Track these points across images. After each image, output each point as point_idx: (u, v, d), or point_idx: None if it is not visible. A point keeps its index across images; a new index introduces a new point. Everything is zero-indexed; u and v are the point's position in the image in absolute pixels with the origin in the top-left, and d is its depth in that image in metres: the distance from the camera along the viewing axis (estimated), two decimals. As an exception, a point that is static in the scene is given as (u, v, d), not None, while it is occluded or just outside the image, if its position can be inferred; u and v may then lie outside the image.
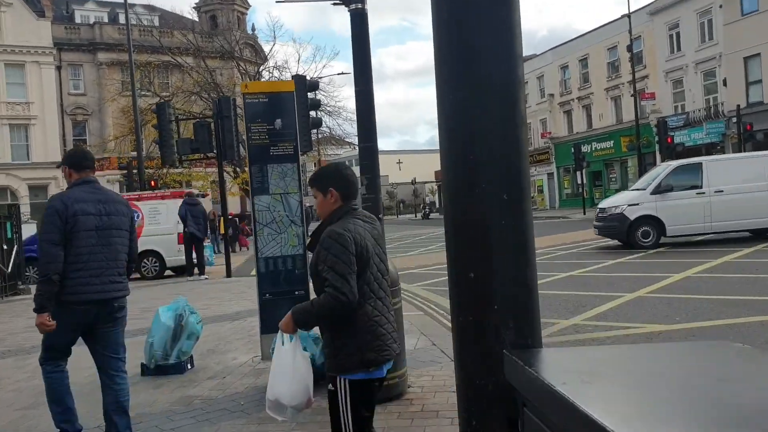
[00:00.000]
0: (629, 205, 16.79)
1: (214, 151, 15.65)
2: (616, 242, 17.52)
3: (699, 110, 38.60)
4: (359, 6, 7.70)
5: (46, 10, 44.37)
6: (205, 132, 15.79)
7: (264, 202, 7.27)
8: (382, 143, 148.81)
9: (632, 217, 16.56)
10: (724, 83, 37.03)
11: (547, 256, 16.53)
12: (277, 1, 8.04)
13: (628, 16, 37.27)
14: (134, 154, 30.42)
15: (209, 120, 16.56)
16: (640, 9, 41.94)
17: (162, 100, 25.44)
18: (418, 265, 16.93)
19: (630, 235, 16.56)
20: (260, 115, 7.31)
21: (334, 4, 7.93)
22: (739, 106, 32.43)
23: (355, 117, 7.95)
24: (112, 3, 47.84)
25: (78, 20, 47.26)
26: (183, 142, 16.14)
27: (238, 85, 35.14)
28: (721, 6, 36.92)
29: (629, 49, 37.38)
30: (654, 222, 16.52)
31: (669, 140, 31.45)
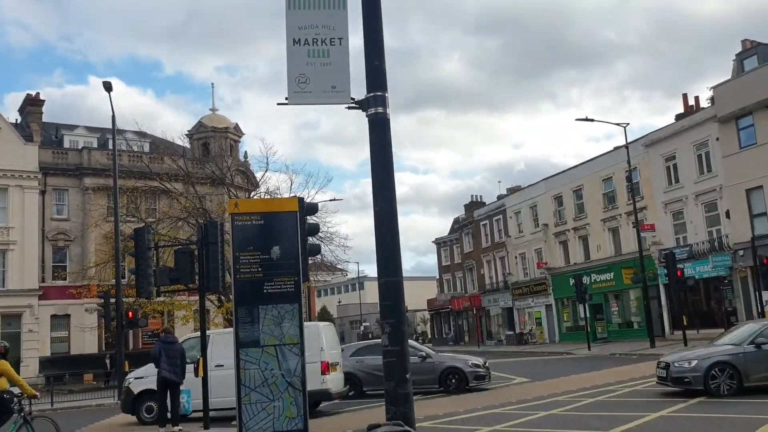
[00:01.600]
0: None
1: (197, 281, 13.87)
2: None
3: (702, 242, 37.49)
4: (380, 111, 6.24)
5: (34, 135, 43.76)
6: (187, 260, 14.06)
7: (252, 357, 5.45)
8: (366, 269, 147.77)
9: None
10: (727, 215, 36.15)
11: (607, 396, 14.42)
12: (278, 104, 6.65)
13: (626, 147, 36.92)
14: (115, 281, 28.53)
15: (193, 247, 14.86)
16: (634, 141, 41.82)
17: (145, 225, 24.03)
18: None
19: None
20: (252, 241, 5.66)
21: (349, 107, 6.49)
22: (753, 238, 31.32)
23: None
24: (102, 129, 47.46)
25: (67, 145, 46.61)
26: (162, 272, 14.37)
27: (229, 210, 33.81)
28: (717, 139, 36.68)
29: (629, 179, 36.73)
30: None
31: (679, 273, 29.99)
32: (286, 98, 6.68)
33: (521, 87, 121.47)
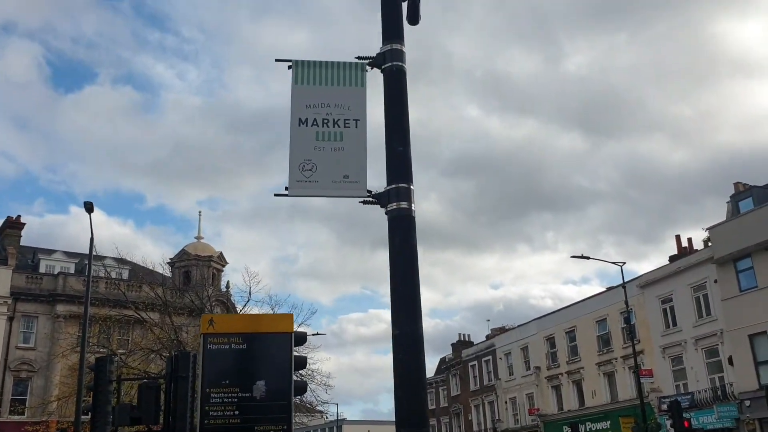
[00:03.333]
0: None
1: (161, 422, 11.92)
2: None
3: (705, 390, 35.52)
4: (403, 206, 4.93)
5: (9, 258, 42.16)
6: (152, 397, 12.15)
7: None
8: (345, 411, 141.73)
9: None
10: (730, 362, 34.47)
11: None
12: (276, 195, 5.37)
13: (623, 286, 35.77)
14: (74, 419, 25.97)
15: (160, 381, 13.00)
16: (630, 281, 40.75)
17: (107, 355, 22.07)
18: None
19: None
20: (229, 373, 4.27)
21: (365, 202, 5.19)
22: (766, 387, 29.51)
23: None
24: (81, 254, 45.89)
25: (43, 269, 44.89)
26: (122, 409, 12.41)
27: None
28: (716, 281, 35.68)
29: (627, 320, 35.29)
30: None
31: (686, 424, 27.88)
32: (287, 188, 5.41)
33: (498, 228, 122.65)
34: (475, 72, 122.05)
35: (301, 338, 10.49)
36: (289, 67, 5.77)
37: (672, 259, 41.98)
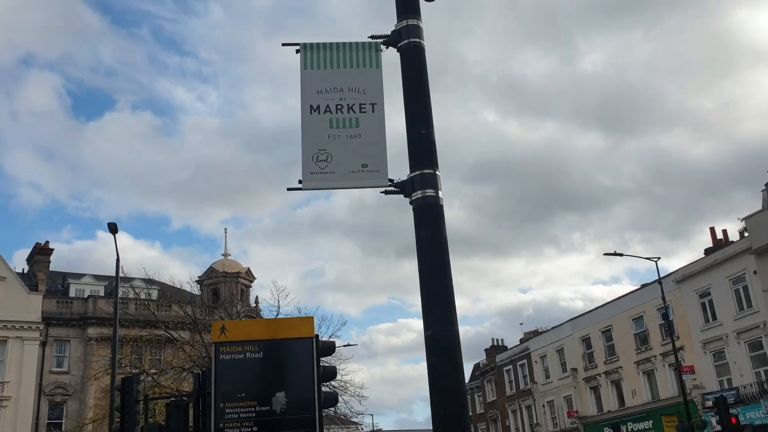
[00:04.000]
0: None
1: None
2: None
3: (751, 385, 34.41)
4: (430, 194, 4.47)
5: (39, 284, 42.35)
6: (180, 416, 11.80)
7: None
8: (380, 422, 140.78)
9: None
10: (775, 354, 33.37)
11: None
12: (289, 189, 4.95)
13: (659, 282, 34.80)
14: (109, 441, 25.78)
15: (187, 399, 12.64)
16: (665, 276, 39.72)
17: (145, 376, 21.95)
18: None
19: None
20: (245, 385, 3.79)
21: (387, 192, 4.74)
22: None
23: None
24: (109, 277, 45.92)
25: (73, 294, 45.05)
26: (150, 429, 12.13)
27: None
28: (755, 272, 34.62)
29: (665, 316, 34.33)
30: None
31: (734, 420, 26.91)
32: (300, 181, 4.98)
33: (523, 232, 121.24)
34: (491, 76, 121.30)
35: (329, 348, 10.04)
36: (297, 51, 5.36)
37: (707, 252, 40.92)
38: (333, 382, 34.46)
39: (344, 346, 41.34)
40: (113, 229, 25.95)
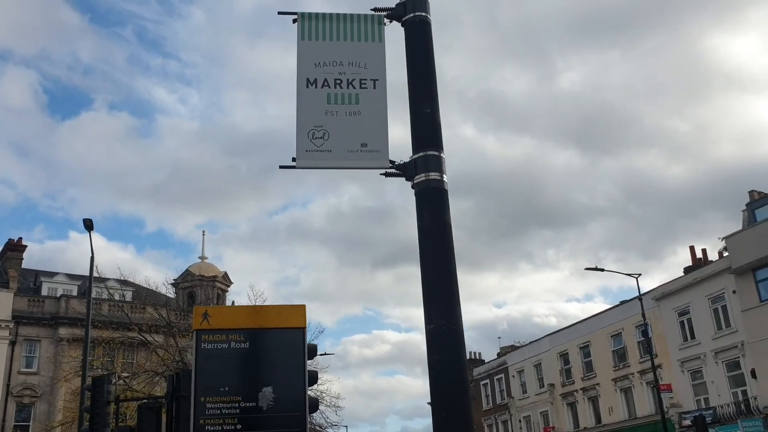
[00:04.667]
0: None
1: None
2: None
3: (728, 405, 34.37)
4: (434, 177, 4.13)
5: (11, 281, 41.41)
6: (152, 418, 11.32)
7: None
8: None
9: None
10: (753, 375, 33.35)
11: None
12: (282, 167, 4.58)
13: (639, 299, 34.70)
14: (76, 444, 25.04)
15: (161, 402, 12.18)
16: (646, 294, 39.69)
17: (105, 375, 21.27)
18: None
19: None
20: (228, 378, 3.45)
21: (387, 174, 4.38)
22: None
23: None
24: (83, 276, 45.04)
25: (45, 292, 44.08)
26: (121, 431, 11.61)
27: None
28: (734, 291, 34.67)
29: (644, 333, 34.23)
30: None
31: (711, 439, 26.82)
32: (294, 159, 4.61)
33: (499, 247, 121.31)
34: (469, 92, 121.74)
35: (313, 350, 9.62)
36: (294, 20, 5.00)
37: (687, 270, 41.02)
38: (309, 391, 33.95)
39: (321, 354, 40.80)
40: (89, 225, 25.33)
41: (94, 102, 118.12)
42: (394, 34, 4.96)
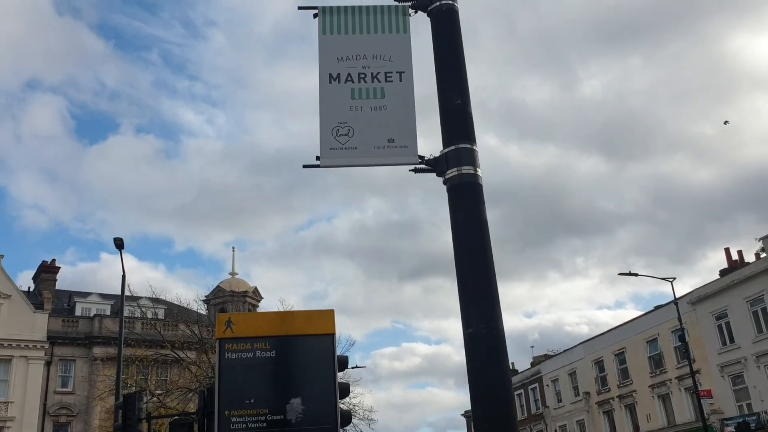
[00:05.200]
0: None
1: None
2: None
3: (772, 409, 33.43)
4: (467, 171, 3.92)
5: (45, 302, 41.83)
6: (184, 434, 11.20)
7: None
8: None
9: None
10: (797, 378, 32.41)
11: None
12: (305, 166, 4.39)
13: (675, 303, 33.96)
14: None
15: (192, 418, 12.03)
16: (681, 298, 38.86)
17: (150, 396, 21.35)
18: None
19: None
20: (254, 389, 3.21)
21: (416, 170, 4.16)
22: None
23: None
24: (116, 296, 45.37)
25: (79, 312, 44.49)
26: (152, 449, 11.46)
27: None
28: (774, 292, 33.80)
29: (681, 338, 33.46)
30: None
31: (757, 446, 26.02)
32: (318, 158, 4.41)
33: (527, 256, 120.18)
34: (490, 102, 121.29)
35: (344, 362, 9.40)
36: (315, 15, 4.83)
37: (723, 273, 40.09)
38: (341, 404, 33.69)
39: (352, 367, 40.60)
40: (119, 244, 25.47)
41: (121, 126, 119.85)
42: (420, 26, 4.77)
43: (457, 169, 4.14)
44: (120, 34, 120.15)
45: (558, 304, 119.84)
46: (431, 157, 4.35)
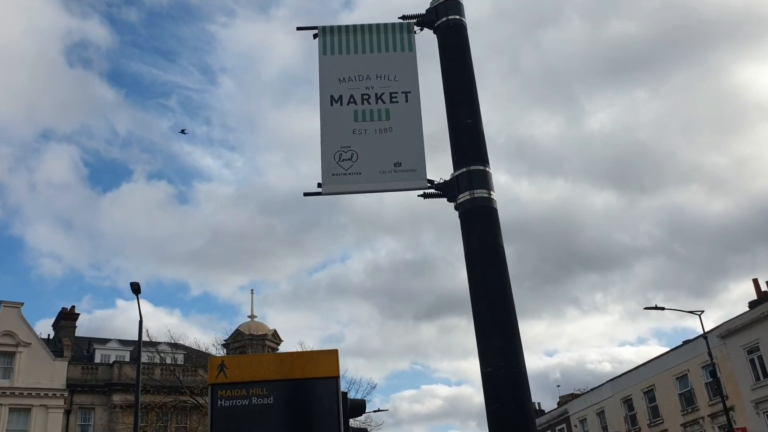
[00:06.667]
0: None
1: None
2: None
3: (811, 447, 32.15)
4: (480, 195, 3.61)
5: (65, 350, 41.66)
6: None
7: None
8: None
9: None
10: (835, 413, 31.19)
11: None
12: (306, 194, 4.11)
13: (705, 337, 33.02)
14: None
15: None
16: (710, 332, 37.84)
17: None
18: None
19: None
20: None
21: (426, 195, 3.87)
22: None
23: None
24: (135, 341, 45.17)
25: (98, 359, 44.22)
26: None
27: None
28: (806, 324, 32.78)
29: (713, 374, 32.43)
30: None
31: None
32: (320, 185, 4.13)
33: (544, 293, 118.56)
34: (498, 138, 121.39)
35: (360, 407, 9.01)
36: (315, 36, 4.59)
37: (752, 305, 39.06)
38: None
39: (374, 411, 39.85)
40: (136, 288, 25.29)
41: (133, 173, 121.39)
42: (426, 45, 4.52)
43: (470, 193, 3.83)
44: (136, 81, 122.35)
45: (578, 342, 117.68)
46: (441, 181, 4.05)
